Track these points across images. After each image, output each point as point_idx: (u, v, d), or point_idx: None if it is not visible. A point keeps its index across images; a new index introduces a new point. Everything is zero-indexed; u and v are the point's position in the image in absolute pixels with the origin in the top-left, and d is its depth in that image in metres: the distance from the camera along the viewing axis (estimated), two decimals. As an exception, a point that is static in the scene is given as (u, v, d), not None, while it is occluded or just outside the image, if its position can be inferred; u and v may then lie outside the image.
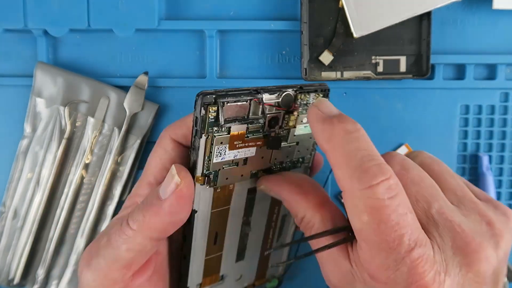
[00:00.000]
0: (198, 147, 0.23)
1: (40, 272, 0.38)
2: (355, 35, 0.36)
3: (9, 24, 0.38)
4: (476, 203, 0.22)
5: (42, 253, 0.38)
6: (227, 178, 0.25)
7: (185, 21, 0.39)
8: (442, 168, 0.24)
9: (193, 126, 0.23)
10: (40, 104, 0.38)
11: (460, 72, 0.39)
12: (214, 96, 0.22)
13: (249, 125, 0.24)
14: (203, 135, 0.23)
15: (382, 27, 0.36)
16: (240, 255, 0.30)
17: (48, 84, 0.38)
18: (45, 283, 0.39)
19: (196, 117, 0.23)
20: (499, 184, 0.40)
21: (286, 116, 0.26)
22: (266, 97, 0.24)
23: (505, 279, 0.37)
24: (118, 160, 0.38)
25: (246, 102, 0.23)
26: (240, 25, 0.38)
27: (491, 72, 0.39)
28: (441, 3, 0.35)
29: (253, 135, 0.25)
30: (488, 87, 0.39)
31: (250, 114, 0.24)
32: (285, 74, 0.39)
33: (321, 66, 0.38)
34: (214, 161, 0.24)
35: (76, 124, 0.38)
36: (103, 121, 0.38)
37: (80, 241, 0.38)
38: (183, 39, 0.39)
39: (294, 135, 0.27)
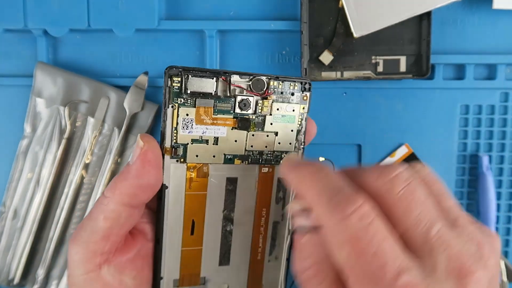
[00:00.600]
0: (166, 117, 0.25)
1: (40, 272, 0.38)
2: (355, 35, 0.36)
3: (9, 24, 0.38)
4: (467, 226, 0.22)
5: (42, 253, 0.38)
6: (197, 156, 0.26)
7: (185, 21, 0.39)
8: (441, 188, 0.24)
9: (162, 98, 0.25)
10: (40, 104, 0.38)
11: (460, 72, 0.39)
12: (180, 69, 0.24)
13: (217, 103, 0.25)
14: (169, 105, 0.25)
15: (382, 27, 0.36)
16: (224, 258, 0.30)
17: (48, 84, 0.38)
18: (45, 283, 0.39)
19: (164, 88, 0.24)
20: (499, 184, 0.40)
21: (260, 102, 0.26)
22: (235, 78, 0.25)
23: (505, 279, 0.37)
24: (118, 160, 0.38)
25: (212, 79, 0.25)
26: (240, 25, 0.38)
27: (491, 72, 0.39)
28: (441, 3, 0.35)
29: (223, 114, 0.26)
30: (488, 87, 0.39)
31: (218, 92, 0.25)
32: (285, 74, 0.39)
33: (321, 66, 0.38)
34: (181, 133, 0.25)
35: (76, 124, 0.38)
36: (103, 121, 0.38)
37: (80, 241, 0.38)
38: (183, 39, 0.39)
39: (271, 124, 0.27)
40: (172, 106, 0.25)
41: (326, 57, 0.38)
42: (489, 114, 0.39)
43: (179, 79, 0.25)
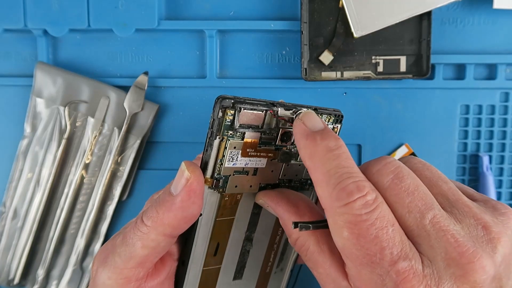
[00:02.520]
0: (212, 148, 0.24)
1: (40, 272, 0.38)
2: (355, 35, 0.36)
3: (9, 24, 0.38)
4: (470, 207, 0.22)
5: (42, 253, 0.38)
6: (236, 186, 0.26)
7: (185, 21, 0.39)
8: (434, 173, 0.24)
9: (209, 128, 0.24)
10: (40, 104, 0.38)
11: (460, 72, 0.39)
12: (232, 100, 0.23)
13: (263, 135, 0.25)
14: (217, 137, 0.24)
15: (382, 27, 0.36)
16: (238, 273, 0.30)
17: (48, 84, 0.38)
18: (45, 283, 0.39)
19: (213, 119, 0.24)
20: (499, 184, 0.40)
21: None
22: (281, 111, 0.25)
23: None
24: (118, 160, 0.38)
25: (262, 112, 0.24)
26: (240, 25, 0.38)
27: (491, 72, 0.39)
28: (441, 3, 0.35)
29: (266, 146, 0.25)
30: (488, 87, 0.39)
31: (264, 125, 0.25)
32: (285, 74, 0.39)
33: (321, 66, 0.38)
34: (226, 165, 0.25)
35: (76, 124, 0.38)
36: (103, 121, 0.38)
37: (80, 241, 0.38)
38: (183, 39, 0.39)
39: None
40: (221, 138, 0.24)
41: (326, 57, 0.38)
42: (489, 114, 0.39)
43: (232, 111, 0.23)
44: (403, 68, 0.38)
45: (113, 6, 0.37)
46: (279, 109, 0.25)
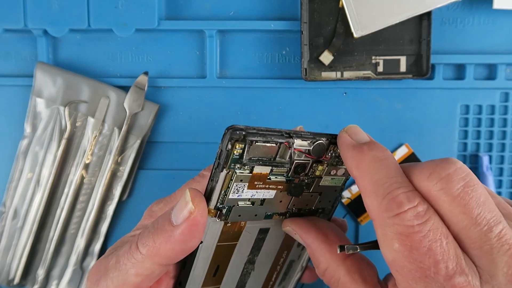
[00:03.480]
0: (217, 180, 0.23)
1: (40, 272, 0.38)
2: (355, 35, 0.36)
3: (9, 24, 0.38)
4: None
5: (42, 253, 0.38)
6: (239, 215, 0.25)
7: (185, 21, 0.39)
8: (462, 205, 0.22)
9: (216, 158, 0.22)
10: (40, 104, 0.38)
11: (460, 72, 0.39)
12: (244, 132, 0.21)
13: (274, 168, 0.23)
14: (224, 169, 0.22)
15: (382, 27, 0.36)
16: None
17: (48, 84, 0.38)
18: (45, 283, 0.39)
19: (221, 150, 0.22)
20: (499, 184, 0.40)
21: (314, 164, 0.24)
22: (297, 142, 0.23)
23: None
24: (118, 160, 0.38)
25: (276, 144, 0.22)
26: (240, 25, 0.38)
27: (491, 72, 0.39)
28: (441, 3, 0.35)
29: (276, 178, 0.24)
30: (488, 87, 0.39)
31: (277, 157, 0.23)
32: (285, 74, 0.39)
33: (321, 66, 0.38)
34: (230, 197, 0.23)
35: (76, 124, 0.38)
36: (103, 121, 0.38)
37: (80, 241, 0.38)
38: (183, 39, 0.39)
39: (319, 185, 0.26)
40: (227, 171, 0.22)
41: (326, 57, 0.38)
42: (489, 114, 0.39)
43: (242, 145, 0.21)
44: (403, 68, 0.38)
45: (113, 6, 0.37)
46: (296, 140, 0.23)
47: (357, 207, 0.39)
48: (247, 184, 0.23)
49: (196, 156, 0.40)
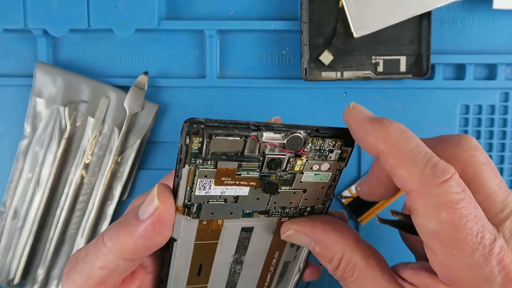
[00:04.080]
0: (181, 176, 0.21)
1: (40, 272, 0.38)
2: (355, 35, 0.36)
3: (9, 24, 0.38)
4: None
5: (42, 253, 0.38)
6: (212, 213, 0.23)
7: (185, 21, 0.39)
8: (489, 171, 0.23)
9: (178, 153, 0.21)
10: (40, 104, 0.38)
11: (460, 72, 0.39)
12: (202, 126, 0.20)
13: (242, 163, 0.22)
14: (186, 164, 0.21)
15: (382, 27, 0.36)
16: None
17: (48, 84, 0.38)
18: (45, 283, 0.39)
19: (181, 145, 0.21)
20: (499, 184, 0.40)
21: (292, 159, 0.23)
22: (267, 135, 0.21)
23: None
24: (118, 160, 0.38)
25: (240, 138, 0.21)
26: (240, 25, 0.38)
27: (491, 72, 0.39)
28: (441, 3, 0.35)
29: (247, 173, 0.22)
30: (488, 87, 0.39)
31: (246, 151, 0.21)
32: (285, 74, 0.39)
33: (321, 66, 0.38)
34: (197, 193, 0.22)
35: (76, 124, 0.38)
36: (103, 121, 0.38)
37: (80, 241, 0.38)
38: (183, 39, 0.39)
39: (301, 181, 0.24)
40: (189, 166, 0.21)
41: (326, 57, 0.38)
42: (489, 114, 0.39)
43: (200, 139, 0.20)
44: (403, 68, 0.38)
45: (113, 6, 0.37)
46: (264, 133, 0.21)
47: (357, 207, 0.39)
48: (213, 180, 0.22)
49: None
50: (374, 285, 0.22)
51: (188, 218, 0.23)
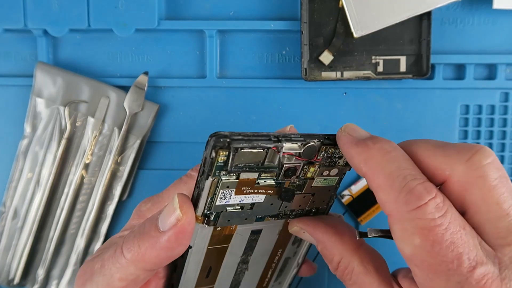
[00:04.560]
0: (203, 188, 0.22)
1: (40, 272, 0.38)
2: (355, 35, 0.36)
3: (9, 24, 0.38)
4: None
5: (42, 253, 0.38)
6: (229, 220, 0.24)
7: (185, 21, 0.38)
8: (496, 196, 0.22)
9: (201, 165, 0.22)
10: (40, 104, 0.38)
11: (460, 72, 0.39)
12: (228, 139, 0.20)
13: (261, 173, 0.23)
14: (209, 177, 0.21)
15: (382, 27, 0.36)
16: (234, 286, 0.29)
17: (48, 84, 0.38)
18: (45, 283, 0.39)
19: (205, 158, 0.21)
20: (499, 184, 0.40)
21: (306, 166, 0.24)
22: (286, 146, 0.22)
23: None
24: (118, 160, 0.38)
25: (263, 150, 0.21)
26: (240, 25, 0.38)
27: (491, 72, 0.39)
28: (441, 3, 0.35)
29: (265, 182, 0.23)
30: (488, 87, 0.39)
31: (266, 161, 0.22)
32: (285, 74, 0.39)
33: (321, 66, 0.38)
34: (217, 203, 0.23)
35: (76, 124, 0.38)
36: (103, 121, 0.38)
37: (80, 241, 0.38)
38: (183, 39, 0.39)
39: (311, 186, 0.25)
40: (212, 178, 0.21)
41: (326, 57, 0.38)
42: (489, 114, 0.39)
43: (226, 152, 0.21)
44: (403, 68, 0.38)
45: (113, 6, 0.37)
46: (284, 144, 0.22)
47: (357, 207, 0.39)
48: (234, 190, 0.22)
49: (196, 156, 0.40)
50: None
51: (206, 226, 0.24)
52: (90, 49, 0.39)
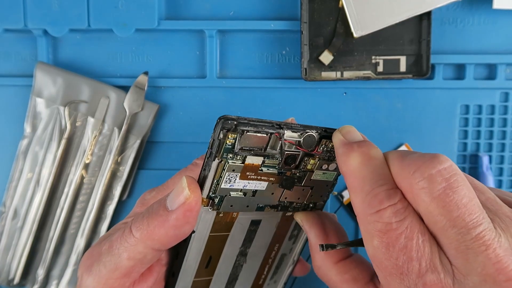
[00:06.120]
0: (209, 169, 0.23)
1: (40, 272, 0.38)
2: (355, 35, 0.36)
3: (9, 24, 0.38)
4: (511, 217, 0.20)
5: (42, 253, 0.38)
6: (231, 206, 0.25)
7: (185, 21, 0.39)
8: (472, 179, 0.22)
9: (208, 148, 0.23)
10: (40, 104, 0.38)
11: (460, 72, 0.39)
12: (235, 122, 0.22)
13: (266, 159, 0.24)
14: (216, 158, 0.23)
15: (382, 27, 0.36)
16: (229, 284, 0.30)
17: (48, 84, 0.38)
18: (45, 283, 0.39)
19: (213, 140, 0.22)
20: (499, 184, 0.40)
21: (306, 158, 0.25)
22: (288, 134, 0.24)
23: None
24: (118, 160, 0.38)
25: (266, 134, 0.23)
26: (240, 25, 0.38)
27: (491, 72, 0.39)
28: (441, 3, 0.35)
29: (268, 169, 0.24)
30: (488, 87, 0.39)
31: (268, 147, 0.23)
32: (285, 74, 0.39)
33: (321, 66, 0.38)
34: (222, 186, 0.24)
35: (76, 124, 0.38)
36: (103, 121, 0.38)
37: (80, 241, 0.38)
38: (183, 39, 0.39)
39: (311, 179, 0.26)
40: (220, 160, 0.23)
41: (326, 57, 0.38)
42: (489, 114, 0.39)
43: (234, 135, 0.22)
44: (403, 68, 0.38)
45: (113, 6, 0.37)
46: (286, 131, 0.23)
47: (357, 207, 0.39)
48: (239, 174, 0.24)
49: (196, 156, 0.39)
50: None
51: (209, 209, 0.24)
52: (90, 49, 0.39)
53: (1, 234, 0.38)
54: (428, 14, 0.37)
